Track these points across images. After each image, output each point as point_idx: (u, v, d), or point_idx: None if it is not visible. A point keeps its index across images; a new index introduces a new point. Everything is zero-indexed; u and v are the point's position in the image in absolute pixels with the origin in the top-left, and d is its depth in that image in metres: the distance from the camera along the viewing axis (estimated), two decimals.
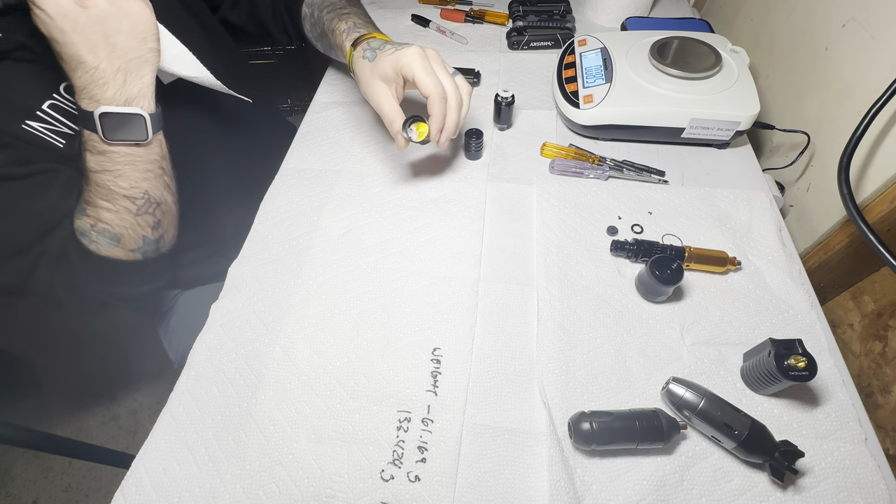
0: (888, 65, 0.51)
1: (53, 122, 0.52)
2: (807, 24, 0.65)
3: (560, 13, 0.83)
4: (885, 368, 0.55)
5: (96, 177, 0.52)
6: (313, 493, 0.41)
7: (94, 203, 0.52)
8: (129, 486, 0.42)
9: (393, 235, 0.58)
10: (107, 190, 0.52)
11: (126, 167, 0.52)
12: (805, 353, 0.40)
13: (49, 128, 0.52)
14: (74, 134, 0.53)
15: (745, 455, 0.39)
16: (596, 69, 0.66)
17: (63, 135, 0.53)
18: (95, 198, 0.52)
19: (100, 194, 0.52)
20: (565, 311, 0.50)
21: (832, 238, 0.59)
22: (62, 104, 0.53)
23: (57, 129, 0.52)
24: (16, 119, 0.50)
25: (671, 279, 0.47)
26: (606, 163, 0.62)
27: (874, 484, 0.40)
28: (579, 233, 0.57)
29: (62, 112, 0.53)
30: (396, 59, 0.53)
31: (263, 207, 0.62)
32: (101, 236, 0.53)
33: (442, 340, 0.49)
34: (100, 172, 0.51)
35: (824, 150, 0.61)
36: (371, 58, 0.56)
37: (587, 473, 0.41)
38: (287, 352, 0.49)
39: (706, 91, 0.61)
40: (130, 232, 0.55)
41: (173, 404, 0.46)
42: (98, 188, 0.52)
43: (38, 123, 0.51)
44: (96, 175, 0.52)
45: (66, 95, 0.53)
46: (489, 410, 0.45)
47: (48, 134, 0.52)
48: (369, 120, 0.71)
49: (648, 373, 0.46)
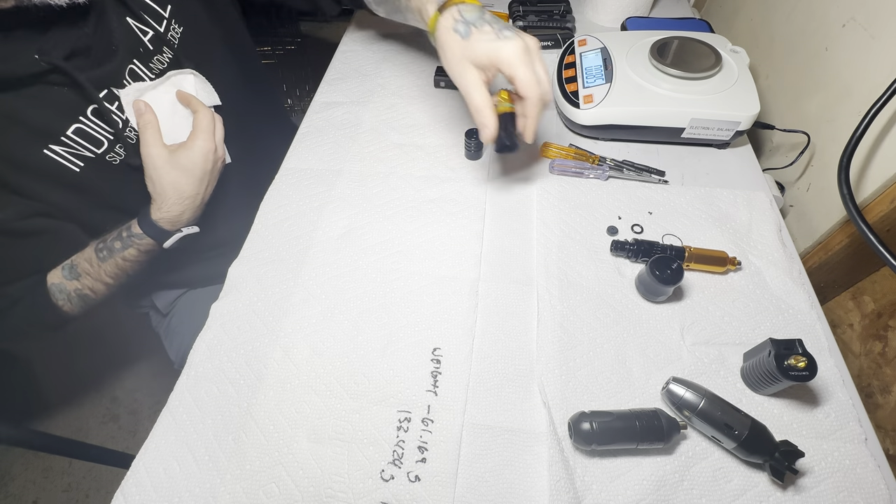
0: (888, 65, 0.51)
1: (76, 147, 0.52)
2: (807, 24, 0.65)
3: (560, 13, 0.83)
4: (885, 368, 0.55)
5: (124, 264, 0.58)
6: (313, 493, 0.41)
7: (98, 277, 0.58)
8: (129, 486, 0.42)
9: (393, 235, 0.58)
10: (121, 272, 0.59)
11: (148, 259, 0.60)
12: (805, 353, 0.40)
13: (70, 152, 0.52)
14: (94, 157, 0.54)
15: (746, 455, 0.39)
16: (596, 69, 0.66)
17: (83, 158, 0.53)
18: (104, 275, 0.58)
19: (112, 275, 0.58)
20: (565, 311, 0.50)
21: (832, 238, 0.59)
22: (88, 128, 0.53)
23: (77, 153, 0.53)
24: (38, 145, 0.50)
25: (671, 279, 0.47)
26: (606, 163, 0.62)
27: (874, 484, 0.40)
28: (579, 233, 0.57)
29: (86, 137, 0.53)
30: (496, 51, 0.46)
31: (263, 207, 0.62)
32: (78, 299, 0.58)
33: (442, 340, 0.49)
34: (131, 262, 0.58)
35: (824, 150, 0.61)
36: (464, 34, 0.48)
37: (587, 473, 0.41)
38: (287, 352, 0.49)
39: (706, 91, 0.61)
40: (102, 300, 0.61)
41: (173, 404, 0.46)
42: (114, 269, 0.58)
43: (61, 148, 0.51)
44: (125, 262, 0.58)
45: (93, 118, 0.53)
46: (489, 410, 0.45)
47: (67, 158, 0.52)
48: (369, 120, 0.71)
49: (648, 373, 0.46)
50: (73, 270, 0.57)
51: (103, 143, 0.54)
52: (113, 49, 0.54)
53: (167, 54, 0.59)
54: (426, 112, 0.72)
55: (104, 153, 0.55)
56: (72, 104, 0.51)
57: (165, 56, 0.59)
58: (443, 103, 0.73)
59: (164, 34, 0.58)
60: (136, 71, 0.56)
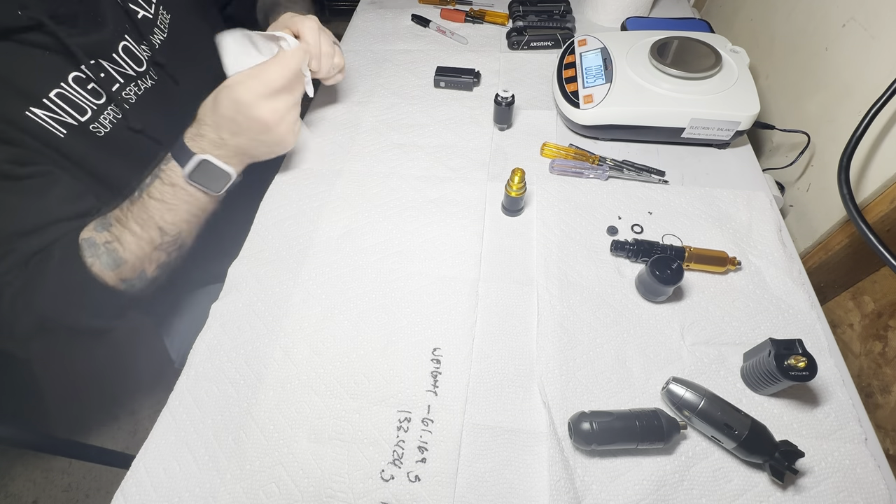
0: (888, 65, 0.51)
1: (59, 112, 0.51)
2: (807, 24, 0.65)
3: (560, 13, 0.83)
4: (885, 368, 0.55)
5: (149, 202, 0.52)
6: (313, 493, 0.41)
7: (125, 223, 0.52)
8: (129, 486, 0.42)
9: (393, 235, 0.58)
10: (148, 216, 0.53)
11: (182, 205, 0.54)
12: (805, 353, 0.40)
13: (53, 117, 0.51)
14: (77, 125, 0.52)
15: (746, 455, 0.39)
16: (596, 69, 0.66)
17: (66, 125, 0.52)
18: (130, 220, 0.52)
19: (138, 218, 0.52)
20: (565, 311, 0.50)
21: (832, 238, 0.59)
22: (70, 94, 0.52)
23: (61, 119, 0.51)
24: (20, 105, 0.49)
25: (671, 279, 0.47)
26: (606, 163, 0.62)
27: (874, 484, 0.40)
28: (579, 233, 0.57)
29: (69, 102, 0.52)
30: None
31: (263, 207, 0.62)
32: (106, 255, 0.52)
33: (442, 340, 0.49)
34: (157, 200, 0.52)
35: (824, 150, 0.61)
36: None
37: (587, 473, 0.41)
38: (287, 352, 0.49)
39: (706, 91, 0.61)
40: (136, 262, 0.54)
41: (173, 404, 0.46)
42: (141, 212, 0.52)
43: (43, 111, 0.50)
44: (150, 201, 0.52)
45: (74, 86, 0.52)
46: (489, 410, 0.45)
47: (51, 123, 0.51)
48: (369, 120, 0.71)
49: (648, 373, 0.46)
50: (105, 221, 0.53)
51: (87, 111, 0.53)
52: (99, 21, 0.54)
53: (158, 37, 0.60)
54: (426, 112, 0.72)
55: (87, 122, 0.53)
56: (53, 67, 0.50)
57: (156, 38, 0.60)
58: (443, 103, 0.73)
59: (153, 18, 0.59)
60: (130, 48, 0.56)
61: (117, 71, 0.56)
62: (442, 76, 0.75)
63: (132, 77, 0.58)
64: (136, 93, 0.58)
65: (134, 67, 0.58)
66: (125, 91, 0.57)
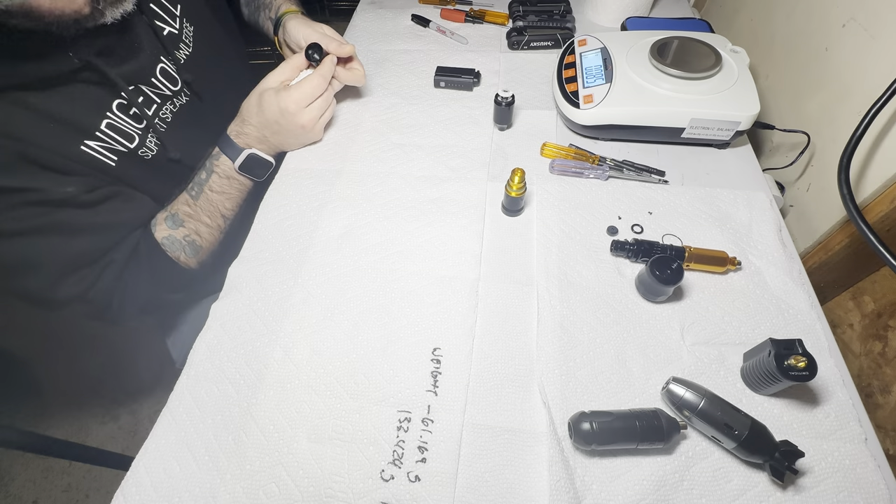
0: (888, 65, 0.51)
1: (109, 141, 0.54)
2: (807, 24, 0.65)
3: (560, 13, 0.83)
4: (885, 368, 0.55)
5: (213, 196, 0.62)
6: (313, 493, 0.41)
7: (198, 217, 0.61)
8: (129, 487, 0.42)
9: (393, 235, 0.58)
10: (214, 208, 0.62)
11: (236, 193, 0.64)
12: (805, 353, 0.40)
13: (105, 146, 0.54)
14: (127, 151, 0.56)
15: (746, 455, 0.39)
16: (596, 69, 0.66)
17: (116, 152, 0.55)
18: (201, 213, 0.61)
19: (207, 211, 0.62)
20: (565, 311, 0.50)
21: (832, 238, 0.59)
22: (116, 123, 0.55)
23: (111, 148, 0.55)
24: (76, 141, 0.52)
25: (671, 279, 0.47)
26: (606, 163, 0.62)
27: (874, 484, 0.40)
28: (579, 233, 0.57)
29: (116, 130, 0.55)
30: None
31: (263, 207, 0.62)
32: (189, 247, 0.61)
33: (442, 340, 0.49)
34: (218, 193, 0.62)
35: (824, 150, 0.61)
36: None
37: (587, 473, 0.41)
38: (287, 352, 0.49)
39: (706, 91, 0.61)
40: (209, 247, 0.63)
41: (173, 404, 0.46)
42: (208, 205, 0.62)
43: (96, 143, 0.53)
44: (213, 194, 0.62)
45: (118, 113, 0.55)
46: (489, 410, 0.45)
47: (103, 153, 0.54)
48: (369, 120, 0.71)
49: (648, 373, 0.46)
50: (176, 218, 0.60)
51: (134, 137, 0.57)
52: (136, 46, 0.56)
53: (184, 52, 0.63)
54: (426, 112, 0.72)
55: (136, 148, 0.57)
56: (100, 100, 0.53)
57: (182, 53, 0.62)
58: (443, 103, 0.73)
59: (178, 33, 0.62)
60: (167, 70, 0.60)
61: (154, 93, 0.59)
62: (442, 76, 0.75)
63: (168, 96, 0.61)
64: (171, 110, 0.61)
65: (170, 87, 0.61)
66: (162, 111, 0.60)
